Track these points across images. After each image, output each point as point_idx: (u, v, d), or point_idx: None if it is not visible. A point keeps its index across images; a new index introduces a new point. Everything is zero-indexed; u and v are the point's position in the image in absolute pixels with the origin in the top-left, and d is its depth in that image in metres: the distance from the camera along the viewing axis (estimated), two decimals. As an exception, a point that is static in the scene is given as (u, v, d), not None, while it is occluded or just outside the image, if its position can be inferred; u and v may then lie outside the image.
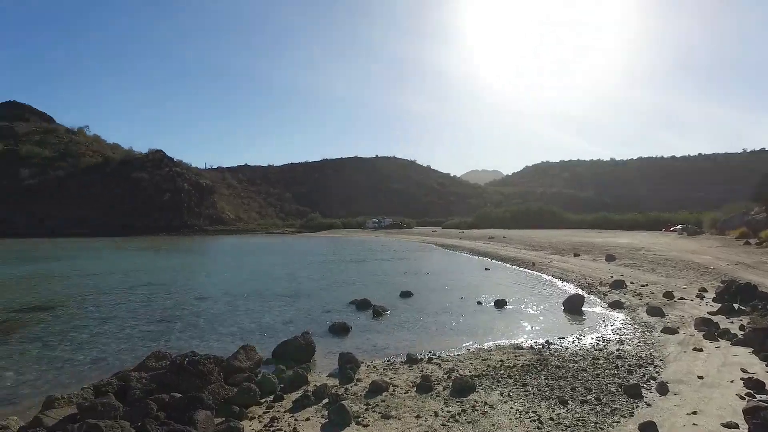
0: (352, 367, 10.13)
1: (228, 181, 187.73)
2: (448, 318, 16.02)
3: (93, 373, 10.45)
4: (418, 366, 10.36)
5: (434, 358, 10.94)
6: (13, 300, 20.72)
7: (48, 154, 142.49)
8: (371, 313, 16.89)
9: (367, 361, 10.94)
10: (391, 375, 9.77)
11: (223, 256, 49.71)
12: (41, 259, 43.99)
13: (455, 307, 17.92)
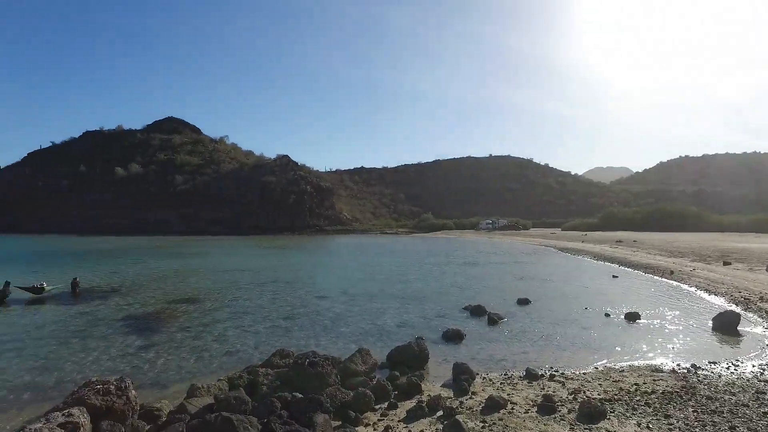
0: (467, 378, 9.78)
1: (345, 183, 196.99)
2: (572, 330, 14.81)
3: (227, 364, 11.47)
4: (539, 383, 9.66)
5: (557, 375, 10.12)
6: (168, 291, 23.83)
7: (196, 162, 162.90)
8: (486, 321, 16.29)
9: (482, 372, 10.50)
10: (509, 390, 9.22)
11: (340, 256, 52.11)
12: (189, 255, 50.18)
13: (579, 318, 16.53)
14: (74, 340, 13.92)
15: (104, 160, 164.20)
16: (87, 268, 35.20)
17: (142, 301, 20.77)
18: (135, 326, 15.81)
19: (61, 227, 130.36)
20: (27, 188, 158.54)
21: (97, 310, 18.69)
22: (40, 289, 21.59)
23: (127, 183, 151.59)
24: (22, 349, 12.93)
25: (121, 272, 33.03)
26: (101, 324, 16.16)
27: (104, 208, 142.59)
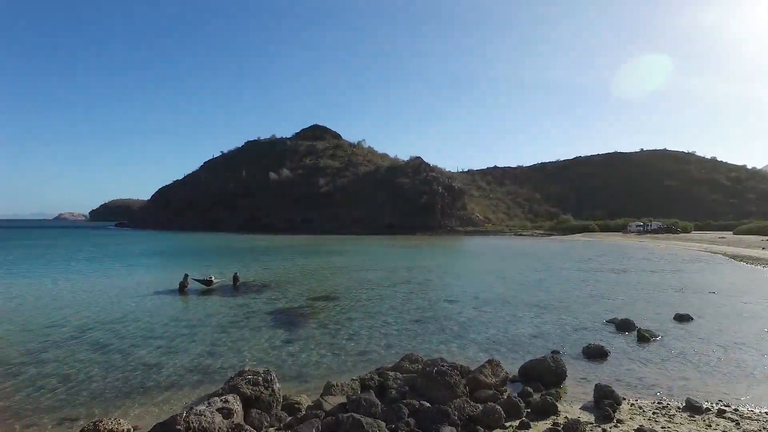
0: (610, 403, 8.82)
1: (478, 183, 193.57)
2: (749, 356, 12.50)
3: (359, 364, 12.00)
4: (704, 418, 8.30)
5: (728, 411, 8.60)
6: (311, 288, 25.88)
7: (337, 165, 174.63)
8: (635, 337, 14.58)
9: (629, 397, 9.40)
10: (664, 423, 8.09)
11: (472, 258, 51.36)
12: (330, 254, 53.96)
13: (757, 343, 13.88)
14: (233, 329, 15.85)
15: (261, 166, 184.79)
16: (245, 264, 39.89)
17: (289, 297, 22.84)
18: (281, 320, 17.43)
19: (226, 226, 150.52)
20: (201, 192, 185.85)
21: (251, 303, 21.05)
22: (210, 281, 25.12)
23: (278, 186, 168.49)
24: (194, 335, 15.12)
25: (272, 268, 36.79)
26: (254, 316, 18.15)
27: (260, 209, 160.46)
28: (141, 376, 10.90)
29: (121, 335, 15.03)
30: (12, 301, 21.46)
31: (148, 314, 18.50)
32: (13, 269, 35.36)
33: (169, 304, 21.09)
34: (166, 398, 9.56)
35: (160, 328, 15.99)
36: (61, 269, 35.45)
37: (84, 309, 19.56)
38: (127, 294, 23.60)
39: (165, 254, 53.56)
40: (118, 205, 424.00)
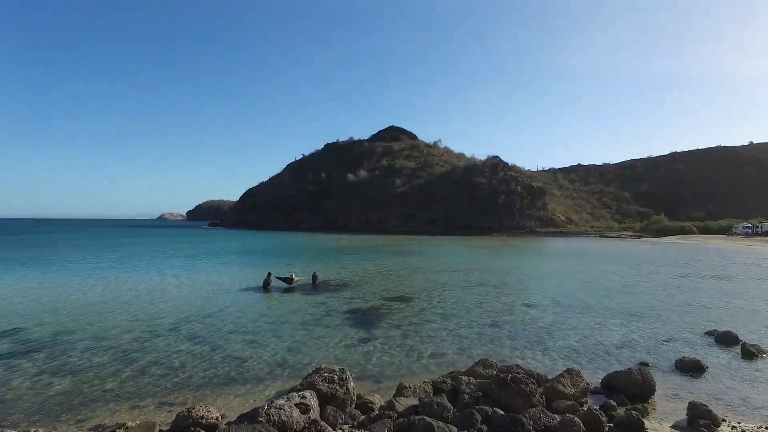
0: (707, 424, 8.10)
1: (559, 182, 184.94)
2: None
3: (432, 367, 12.03)
4: (821, 449, 7.36)
5: None
6: (386, 288, 26.28)
7: (413, 166, 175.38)
8: (739, 352, 13.22)
9: (730, 419, 8.57)
10: (771, 451, 7.28)
11: (552, 260, 49.16)
12: (406, 254, 54.34)
13: None
14: (311, 327, 16.55)
15: (339, 168, 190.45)
16: (324, 263, 41.33)
17: (365, 296, 23.37)
18: (357, 319, 17.89)
19: (306, 226, 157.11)
20: (284, 193, 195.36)
21: (329, 302, 21.81)
22: (291, 279, 26.39)
23: (356, 187, 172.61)
24: (276, 330, 15.99)
25: (349, 268, 37.78)
26: (332, 314, 18.80)
27: (338, 209, 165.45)
28: (228, 368, 11.76)
29: (213, 328, 16.27)
30: (126, 294, 23.97)
31: (236, 309, 19.85)
32: (127, 264, 39.43)
33: (254, 300, 22.47)
34: (249, 390, 10.24)
35: (247, 323, 17.10)
36: (167, 265, 38.97)
37: (184, 303, 21.43)
38: (220, 290, 25.45)
39: (251, 252, 56.94)
40: (211, 206, 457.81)
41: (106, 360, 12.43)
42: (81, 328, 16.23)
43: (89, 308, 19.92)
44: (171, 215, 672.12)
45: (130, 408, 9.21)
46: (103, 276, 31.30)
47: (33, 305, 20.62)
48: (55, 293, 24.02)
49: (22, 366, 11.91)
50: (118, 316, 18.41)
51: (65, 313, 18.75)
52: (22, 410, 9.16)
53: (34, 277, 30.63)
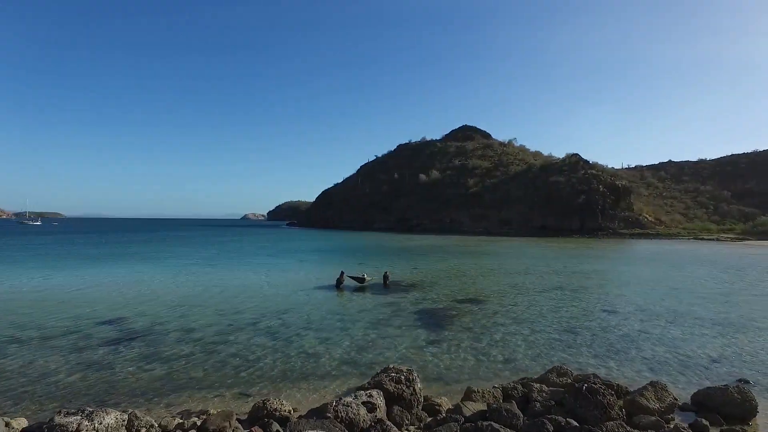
0: (818, 454, 7.19)
1: (647, 181, 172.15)
2: None
3: (502, 372, 11.72)
4: None
5: None
6: (457, 290, 25.99)
7: (486, 165, 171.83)
8: None
9: None
10: None
11: (638, 264, 45.81)
12: (479, 255, 53.33)
13: None
14: (381, 326, 16.78)
15: (411, 168, 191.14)
16: (395, 263, 41.68)
17: (435, 298, 23.28)
18: (427, 321, 17.87)
19: (379, 226, 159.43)
20: (357, 194, 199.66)
21: (400, 302, 21.97)
22: (363, 279, 26.91)
23: (428, 187, 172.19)
24: (347, 329, 16.41)
25: (421, 268, 37.80)
26: (402, 314, 18.93)
27: (410, 209, 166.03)
28: (302, 363, 12.26)
29: (288, 324, 17.04)
30: (214, 289, 25.78)
31: (310, 307, 20.62)
32: (216, 261, 42.37)
33: (328, 298, 23.20)
34: (320, 385, 10.62)
35: (320, 321, 17.71)
36: (251, 263, 41.36)
37: (263, 299, 22.66)
38: (295, 287, 26.57)
39: (325, 251, 58.83)
40: (289, 206, 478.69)
41: (194, 350, 13.47)
42: (173, 320, 17.70)
43: (182, 301, 21.69)
44: (253, 215, 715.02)
45: (212, 396, 9.92)
46: (196, 272, 33.90)
47: (137, 297, 22.82)
48: (155, 287, 26.39)
49: (121, 352, 13.23)
50: (205, 309, 19.85)
51: (161, 306, 20.56)
52: (123, 392, 10.19)
53: (139, 270, 33.92)
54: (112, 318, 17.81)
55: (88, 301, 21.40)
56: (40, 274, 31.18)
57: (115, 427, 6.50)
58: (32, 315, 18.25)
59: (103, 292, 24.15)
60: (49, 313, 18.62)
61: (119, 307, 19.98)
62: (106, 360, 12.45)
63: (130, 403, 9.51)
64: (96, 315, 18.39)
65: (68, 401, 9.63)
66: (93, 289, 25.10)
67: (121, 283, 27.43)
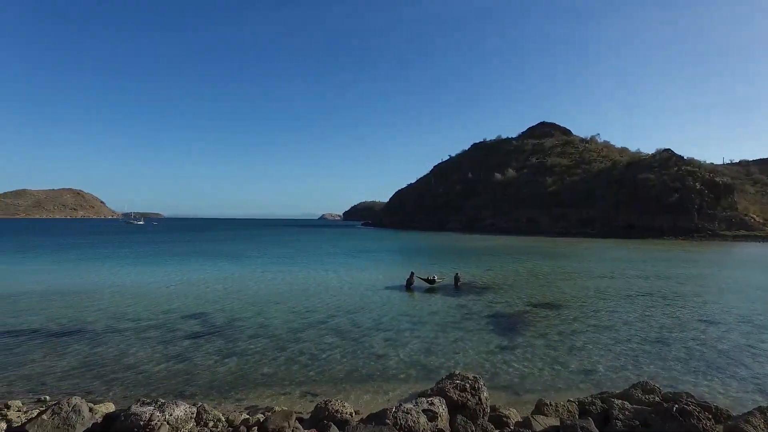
0: None
1: (754, 177, 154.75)
2: None
3: (579, 384, 10.90)
4: None
5: None
6: (533, 293, 24.85)
7: (566, 163, 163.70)
8: None
9: None
10: None
11: (743, 269, 41.03)
12: (557, 257, 50.73)
13: None
14: (450, 329, 16.37)
15: (486, 167, 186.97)
16: (467, 264, 40.78)
17: (509, 301, 22.38)
18: (499, 325, 17.18)
19: (452, 226, 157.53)
20: (430, 194, 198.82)
21: (470, 304, 21.38)
22: (433, 280, 26.55)
23: (503, 186, 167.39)
24: (415, 330, 16.21)
25: (495, 269, 36.65)
26: (473, 318, 18.37)
27: (484, 209, 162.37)
28: (367, 364, 12.24)
29: (357, 324, 17.17)
30: (289, 287, 26.79)
31: (379, 307, 20.67)
32: (292, 260, 44.10)
33: (397, 298, 23.13)
34: (383, 388, 10.51)
35: (388, 321, 17.66)
36: (326, 262, 42.54)
37: (335, 297, 23.12)
38: (366, 287, 26.83)
39: (396, 251, 59.06)
40: (364, 206, 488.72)
41: (266, 346, 13.95)
42: (251, 316, 18.53)
43: (260, 298, 22.72)
44: (330, 215, 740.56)
45: (279, 393, 10.16)
46: (275, 270, 35.45)
47: (221, 293, 24.27)
48: (237, 284, 27.91)
49: (202, 345, 14.03)
50: (281, 306, 20.60)
51: (242, 302, 21.66)
52: (200, 384, 10.75)
53: (225, 268, 36.15)
54: (197, 312, 19.02)
55: (179, 296, 23.06)
56: (139, 270, 34.20)
57: (185, 419, 6.80)
58: (132, 307, 19.99)
59: (192, 289, 25.90)
60: (145, 306, 20.29)
61: (205, 303, 21.32)
62: (188, 352, 13.25)
63: (205, 395, 9.99)
64: (184, 309, 19.74)
65: (151, 390, 10.33)
66: (184, 286, 26.99)
67: (208, 280, 29.31)
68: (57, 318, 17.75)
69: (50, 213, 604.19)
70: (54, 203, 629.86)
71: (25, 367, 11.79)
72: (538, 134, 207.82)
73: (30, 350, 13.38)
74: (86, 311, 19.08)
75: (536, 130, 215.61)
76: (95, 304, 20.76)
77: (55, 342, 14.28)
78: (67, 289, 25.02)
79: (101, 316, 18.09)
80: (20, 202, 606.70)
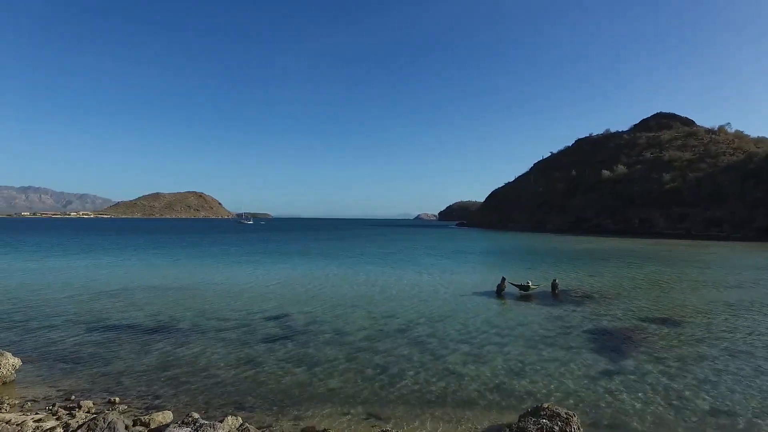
0: None
1: None
2: None
3: (708, 428, 8.58)
4: None
5: None
6: (646, 306, 21.54)
7: (688, 157, 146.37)
8: None
9: None
10: None
11: None
12: (676, 262, 44.58)
13: None
14: (543, 346, 14.40)
15: (592, 164, 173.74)
16: (569, 268, 37.24)
17: (615, 313, 19.56)
18: (602, 343, 14.82)
19: (553, 227, 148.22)
20: (529, 193, 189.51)
21: (568, 316, 18.99)
22: (527, 287, 24.26)
23: (612, 184, 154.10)
24: (502, 345, 14.52)
25: (599, 276, 32.92)
26: (570, 333, 16.14)
27: (590, 209, 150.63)
28: (443, 384, 10.92)
29: (439, 335, 15.85)
30: (373, 288, 26.26)
31: (465, 315, 19.15)
32: (383, 260, 43.82)
33: (486, 306, 21.36)
34: (458, 416, 9.13)
35: (473, 332, 16.13)
36: (414, 262, 41.65)
37: (418, 302, 22.03)
38: (453, 291, 25.37)
39: (491, 253, 56.27)
40: (459, 206, 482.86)
41: (338, 355, 13.24)
42: (329, 320, 18.10)
43: (342, 300, 22.37)
44: (426, 215, 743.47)
45: (341, 413, 9.26)
46: (363, 270, 35.31)
47: (304, 293, 24.41)
48: (322, 283, 28.02)
49: (275, 350, 13.72)
50: (361, 311, 19.98)
51: (324, 304, 21.46)
52: (263, 394, 10.26)
53: (318, 266, 36.87)
54: (276, 314, 19.04)
55: (269, 296, 23.50)
56: (233, 270, 36.00)
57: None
58: (223, 306, 20.66)
59: (277, 288, 26.39)
60: (234, 306, 20.83)
61: (286, 304, 21.41)
62: (260, 358, 12.98)
63: (265, 408, 9.47)
64: (266, 310, 19.95)
65: (214, 397, 10.05)
66: (278, 286, 27.63)
67: (295, 278, 29.84)
68: (155, 314, 18.79)
69: (177, 213, 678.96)
70: (181, 204, 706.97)
71: (110, 365, 12.26)
72: (653, 126, 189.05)
73: (120, 346, 14.04)
74: (183, 308, 20.06)
75: (651, 122, 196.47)
76: (193, 301, 21.82)
77: (145, 339, 14.90)
78: (176, 285, 26.86)
79: (193, 314, 18.83)
80: (155, 204, 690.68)
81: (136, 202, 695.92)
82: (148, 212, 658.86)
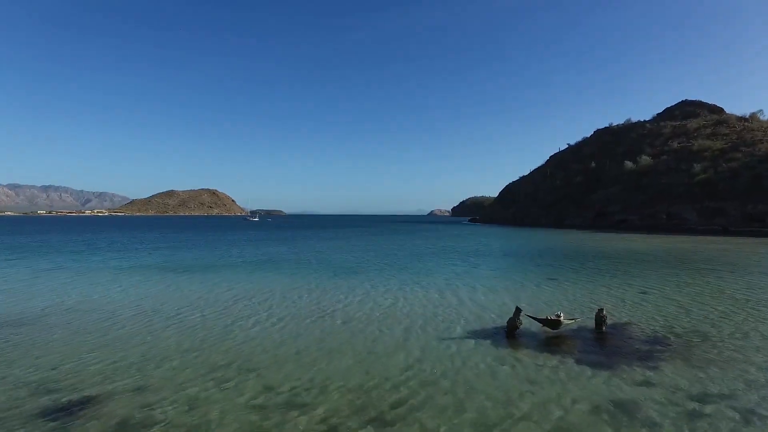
0: None
1: None
2: None
3: None
4: None
5: None
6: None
7: (718, 146, 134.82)
8: None
9: None
10: None
11: None
12: (753, 268, 35.33)
13: None
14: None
15: (613, 155, 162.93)
16: (611, 281, 27.59)
17: (715, 375, 10.83)
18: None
19: (572, 222, 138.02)
20: (546, 187, 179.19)
21: (636, 377, 10.36)
22: (557, 322, 15.46)
23: (635, 176, 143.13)
24: None
25: (658, 291, 23.62)
26: (639, 413, 7.56)
27: (612, 203, 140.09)
28: None
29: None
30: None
31: (448, 386, 10.69)
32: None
33: (487, 362, 12.68)
34: None
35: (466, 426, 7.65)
36: (398, 268, 33.29)
37: (364, 355, 13.56)
38: (436, 327, 16.82)
39: (500, 255, 46.72)
40: (473, 202, 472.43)
41: None
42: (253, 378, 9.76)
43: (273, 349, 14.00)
44: (439, 211, 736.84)
45: None
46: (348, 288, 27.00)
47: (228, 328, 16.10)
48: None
49: None
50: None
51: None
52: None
53: (278, 289, 28.68)
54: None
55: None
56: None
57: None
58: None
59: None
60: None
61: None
62: None
63: None
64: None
65: None
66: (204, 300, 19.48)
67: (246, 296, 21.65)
68: None
69: (191, 211, 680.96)
70: (194, 202, 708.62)
71: None
72: (679, 114, 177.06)
73: None
74: None
75: (676, 110, 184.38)
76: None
77: None
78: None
79: None
80: (169, 202, 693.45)
81: (150, 200, 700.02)
82: (162, 210, 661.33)
